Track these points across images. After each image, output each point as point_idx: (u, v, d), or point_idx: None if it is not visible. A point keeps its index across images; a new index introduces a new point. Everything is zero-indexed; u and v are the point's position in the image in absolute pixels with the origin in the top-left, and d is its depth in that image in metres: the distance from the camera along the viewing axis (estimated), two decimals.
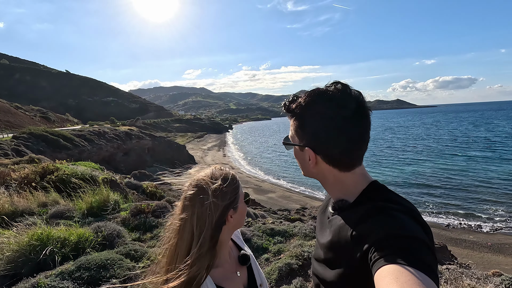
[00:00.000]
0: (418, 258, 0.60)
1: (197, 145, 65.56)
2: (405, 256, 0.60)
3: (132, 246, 3.63)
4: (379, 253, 0.64)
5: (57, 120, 57.90)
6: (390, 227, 0.68)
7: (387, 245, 0.64)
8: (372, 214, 0.74)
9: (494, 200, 19.67)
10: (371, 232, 0.69)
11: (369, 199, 0.82)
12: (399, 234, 0.65)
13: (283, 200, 21.96)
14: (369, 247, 0.67)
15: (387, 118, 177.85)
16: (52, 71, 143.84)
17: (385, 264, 0.60)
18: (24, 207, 4.80)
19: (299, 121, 0.88)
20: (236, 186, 1.03)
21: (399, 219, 0.70)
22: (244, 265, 1.14)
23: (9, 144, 19.12)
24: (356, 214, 0.78)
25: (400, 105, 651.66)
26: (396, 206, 0.74)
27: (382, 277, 0.59)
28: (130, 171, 21.37)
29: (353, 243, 0.73)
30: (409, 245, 0.63)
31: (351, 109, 0.80)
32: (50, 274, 2.73)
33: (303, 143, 0.87)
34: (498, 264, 10.87)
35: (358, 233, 0.73)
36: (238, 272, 1.11)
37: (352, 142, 0.81)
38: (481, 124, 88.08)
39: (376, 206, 0.76)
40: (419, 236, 0.65)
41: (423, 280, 0.55)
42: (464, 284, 2.41)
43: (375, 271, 0.62)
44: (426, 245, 0.65)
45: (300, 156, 0.91)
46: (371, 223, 0.71)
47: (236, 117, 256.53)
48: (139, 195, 7.68)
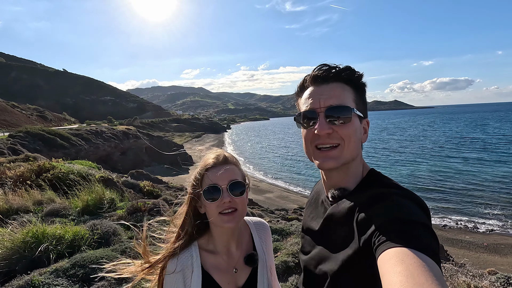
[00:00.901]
0: (422, 241, 0.61)
1: (195, 144, 65.45)
2: (409, 240, 0.61)
3: (128, 244, 3.61)
4: (384, 237, 0.64)
5: (54, 119, 57.59)
6: (394, 212, 0.68)
7: (391, 229, 0.65)
8: (376, 200, 0.74)
9: (490, 201, 19.81)
10: (375, 217, 0.70)
11: (369, 185, 0.83)
12: (403, 219, 0.66)
13: (280, 200, 21.97)
14: (373, 231, 0.67)
15: (384, 118, 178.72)
16: (49, 69, 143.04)
17: (390, 247, 0.61)
18: (19, 205, 4.77)
19: (362, 92, 0.89)
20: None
21: (402, 204, 0.70)
22: (248, 265, 1.08)
23: (5, 143, 18.99)
24: (359, 200, 0.78)
25: (398, 106, 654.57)
26: (398, 191, 0.75)
27: (387, 259, 0.59)
28: (127, 170, 21.30)
29: (357, 228, 0.73)
30: (413, 229, 0.64)
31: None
32: (44, 272, 2.70)
33: (364, 114, 0.89)
34: (494, 264, 10.93)
35: (362, 219, 0.73)
36: (236, 270, 1.07)
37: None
38: (477, 125, 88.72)
39: (379, 192, 0.76)
40: (421, 220, 0.66)
41: (428, 262, 0.56)
42: (459, 281, 2.42)
43: (379, 254, 0.62)
44: (429, 228, 0.66)
45: (356, 129, 0.85)
46: (375, 208, 0.72)
47: (234, 117, 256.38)
48: (136, 194, 7.65)
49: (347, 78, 0.84)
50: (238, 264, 1.08)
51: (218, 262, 1.05)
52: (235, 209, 1.00)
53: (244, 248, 1.12)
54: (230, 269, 1.06)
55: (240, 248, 1.11)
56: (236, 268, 1.07)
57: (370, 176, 0.86)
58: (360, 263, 0.72)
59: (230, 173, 1.02)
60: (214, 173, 1.01)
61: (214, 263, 1.05)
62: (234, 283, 1.05)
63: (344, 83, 0.84)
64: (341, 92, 0.83)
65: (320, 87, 0.85)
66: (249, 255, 1.09)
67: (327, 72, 0.84)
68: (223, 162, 1.04)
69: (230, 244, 1.08)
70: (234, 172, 1.04)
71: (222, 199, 0.98)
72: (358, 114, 0.84)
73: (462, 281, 2.43)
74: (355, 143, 0.83)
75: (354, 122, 0.83)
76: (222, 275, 1.04)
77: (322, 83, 0.85)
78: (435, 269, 0.55)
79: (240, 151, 57.11)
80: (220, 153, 1.07)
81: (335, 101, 0.82)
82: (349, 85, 0.85)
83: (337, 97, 0.83)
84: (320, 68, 0.86)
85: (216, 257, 1.06)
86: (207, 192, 1.00)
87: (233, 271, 1.06)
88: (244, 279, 1.07)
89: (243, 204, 1.02)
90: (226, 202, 0.98)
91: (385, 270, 0.58)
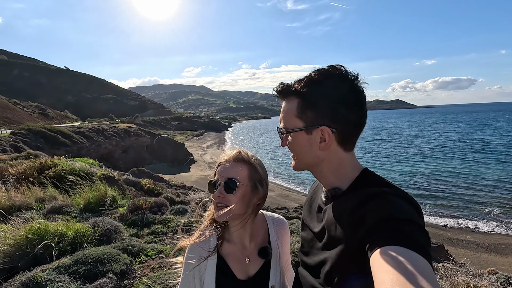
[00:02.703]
0: (413, 239, 0.62)
1: (196, 143, 65.51)
2: (401, 238, 0.61)
3: (129, 241, 3.64)
4: (375, 236, 0.65)
5: (55, 116, 57.75)
6: (387, 211, 0.69)
7: (384, 228, 0.65)
8: (369, 200, 0.75)
9: (492, 201, 19.75)
10: (369, 216, 0.70)
11: (362, 185, 0.83)
12: (396, 217, 0.67)
13: (281, 198, 21.99)
14: (367, 231, 0.68)
15: (385, 118, 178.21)
16: (51, 67, 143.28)
17: (381, 245, 0.62)
18: (21, 202, 4.79)
19: (309, 100, 0.84)
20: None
21: (395, 203, 0.71)
22: (261, 257, 1.13)
23: (8, 140, 19.08)
24: (352, 200, 0.79)
25: (400, 105, 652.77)
26: (390, 190, 0.76)
27: (379, 258, 0.60)
28: (128, 168, 21.36)
29: (351, 229, 0.74)
30: (405, 228, 0.64)
31: (358, 86, 0.84)
32: (46, 268, 2.73)
33: (315, 123, 0.84)
34: (494, 264, 10.92)
35: (356, 219, 0.74)
36: (248, 260, 1.12)
37: (363, 118, 0.85)
38: (479, 125, 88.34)
39: (372, 192, 0.77)
40: (414, 219, 0.67)
41: (419, 260, 0.57)
42: (459, 281, 2.42)
43: (371, 253, 0.63)
44: (420, 227, 0.67)
45: (305, 141, 0.87)
46: (369, 208, 0.72)
47: (236, 116, 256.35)
48: (137, 192, 7.68)
49: (288, 92, 0.88)
50: (251, 255, 1.14)
51: (232, 250, 1.14)
52: (225, 205, 1.06)
53: (259, 242, 1.18)
54: (243, 258, 1.13)
55: (254, 241, 1.17)
56: (248, 258, 1.13)
57: (362, 176, 0.86)
58: (355, 263, 0.72)
59: (231, 170, 1.07)
60: (221, 169, 1.09)
61: (229, 250, 1.13)
62: (245, 272, 1.12)
63: (290, 97, 0.88)
64: (285, 111, 0.90)
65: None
66: (262, 247, 1.15)
67: (276, 91, 0.92)
68: (232, 160, 1.09)
69: (243, 235, 1.14)
70: (237, 170, 1.07)
71: (216, 193, 1.07)
72: (294, 131, 0.87)
73: (462, 281, 2.44)
74: (302, 154, 0.89)
75: (293, 139, 0.89)
76: (235, 263, 1.12)
77: (281, 99, 0.93)
78: (426, 267, 0.56)
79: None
80: (234, 152, 1.12)
81: (279, 122, 0.93)
82: (294, 97, 0.87)
83: (281, 118, 0.92)
84: (275, 87, 0.93)
85: (231, 246, 1.14)
86: (209, 184, 1.10)
87: (245, 260, 1.12)
88: (255, 269, 1.13)
89: (236, 202, 1.06)
90: (216, 196, 1.07)
91: (376, 269, 0.59)
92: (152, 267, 3.17)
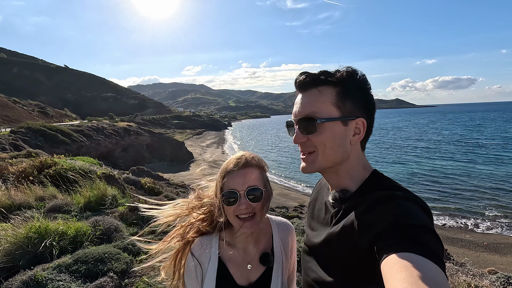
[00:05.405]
0: (426, 246, 0.60)
1: (196, 142, 65.48)
2: (413, 245, 0.60)
3: (129, 240, 3.63)
4: (387, 241, 0.63)
5: (55, 115, 57.65)
6: (398, 215, 0.67)
7: (395, 234, 0.64)
8: (379, 203, 0.73)
9: (491, 200, 19.79)
10: (379, 220, 0.69)
11: (372, 188, 0.81)
12: (407, 223, 0.65)
13: (281, 197, 21.99)
14: (377, 235, 0.67)
15: (385, 117, 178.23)
16: (50, 65, 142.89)
17: (393, 252, 0.60)
18: (22, 201, 4.79)
19: (350, 90, 0.82)
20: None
21: (406, 207, 0.69)
22: (262, 264, 1.10)
23: (7, 138, 19.05)
24: (362, 203, 0.77)
25: (399, 105, 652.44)
26: (401, 194, 0.74)
27: (391, 265, 0.58)
28: (128, 167, 21.35)
29: (360, 232, 0.72)
30: (417, 233, 0.63)
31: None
32: (47, 267, 2.72)
33: (352, 114, 0.82)
34: (494, 263, 10.94)
35: (365, 222, 0.72)
36: (250, 266, 1.09)
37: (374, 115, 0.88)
38: (479, 125, 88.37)
39: (382, 195, 0.75)
40: (425, 224, 0.65)
41: (432, 268, 0.55)
42: (460, 280, 2.43)
43: (382, 259, 0.62)
44: (433, 232, 0.65)
45: (341, 133, 0.82)
46: (379, 211, 0.71)
47: (235, 115, 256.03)
48: (137, 191, 7.68)
49: (325, 80, 0.82)
50: (253, 261, 1.10)
51: (234, 255, 1.10)
52: (252, 214, 1.01)
53: (262, 247, 1.13)
54: (245, 264, 1.09)
55: (257, 246, 1.12)
56: (250, 264, 1.09)
57: (372, 178, 0.84)
58: (363, 267, 0.71)
59: (248, 177, 1.01)
60: (233, 177, 1.01)
61: (231, 255, 1.09)
62: (247, 278, 1.08)
63: (324, 86, 0.82)
64: (316, 99, 0.82)
65: (301, 94, 0.86)
66: (264, 254, 1.10)
67: (304, 79, 0.84)
68: (244, 166, 1.03)
69: (248, 241, 1.10)
70: (254, 176, 1.02)
71: (239, 204, 0.99)
72: (332, 120, 0.81)
73: (463, 281, 2.44)
74: (332, 149, 0.82)
75: (325, 130, 0.81)
76: (236, 268, 1.08)
77: (302, 90, 0.86)
78: (440, 275, 0.55)
79: (241, 148, 57.08)
80: (241, 156, 1.06)
81: (305, 111, 0.83)
82: (330, 86, 0.82)
83: (309, 106, 0.82)
84: (300, 75, 0.86)
85: (233, 251, 1.10)
86: (225, 196, 1.01)
87: (247, 266, 1.09)
88: (257, 276, 1.09)
89: (261, 209, 1.03)
90: (243, 208, 0.99)
91: (388, 276, 0.57)
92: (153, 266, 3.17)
